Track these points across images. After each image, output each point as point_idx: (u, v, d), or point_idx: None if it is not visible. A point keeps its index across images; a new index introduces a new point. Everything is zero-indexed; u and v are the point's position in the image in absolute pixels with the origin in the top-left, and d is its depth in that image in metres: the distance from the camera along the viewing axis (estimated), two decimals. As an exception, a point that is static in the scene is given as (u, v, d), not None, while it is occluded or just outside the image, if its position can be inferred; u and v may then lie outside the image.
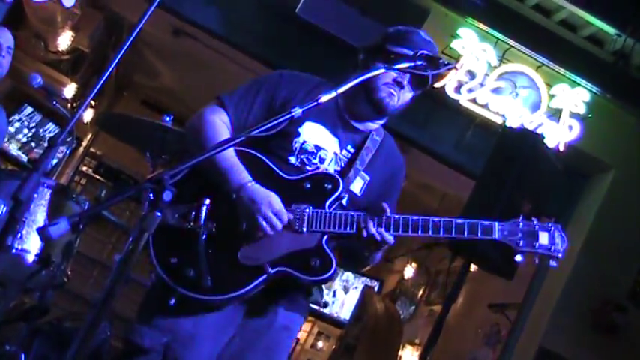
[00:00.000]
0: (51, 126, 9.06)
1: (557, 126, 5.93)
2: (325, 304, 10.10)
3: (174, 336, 2.39)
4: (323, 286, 2.69)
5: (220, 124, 2.54)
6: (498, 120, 5.92)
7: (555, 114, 5.96)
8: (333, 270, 2.40)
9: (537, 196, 4.43)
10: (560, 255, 2.48)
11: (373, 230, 2.38)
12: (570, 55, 6.16)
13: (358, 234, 2.41)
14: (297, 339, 11.85)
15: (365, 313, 7.15)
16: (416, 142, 6.53)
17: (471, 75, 5.89)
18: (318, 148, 2.57)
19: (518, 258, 2.46)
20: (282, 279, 2.42)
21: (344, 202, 2.55)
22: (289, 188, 2.47)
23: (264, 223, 2.35)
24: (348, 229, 2.42)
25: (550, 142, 5.78)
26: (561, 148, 5.89)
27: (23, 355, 4.02)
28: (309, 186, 2.49)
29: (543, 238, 2.47)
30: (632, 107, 6.21)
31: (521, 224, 2.47)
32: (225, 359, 2.51)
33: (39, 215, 3.88)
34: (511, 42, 5.98)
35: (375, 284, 10.87)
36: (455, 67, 5.68)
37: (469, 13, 5.94)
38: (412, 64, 2.43)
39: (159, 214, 1.86)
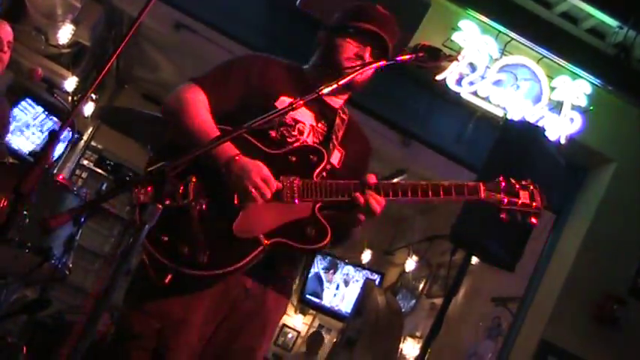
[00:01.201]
0: (48, 118, 9.04)
1: (558, 118, 5.92)
2: None
3: (164, 321, 2.40)
4: (324, 280, 2.70)
5: (200, 102, 2.53)
6: (500, 113, 5.92)
7: (557, 106, 5.95)
8: (328, 237, 2.42)
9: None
10: (540, 211, 2.55)
11: (364, 197, 2.41)
12: (572, 48, 6.14)
13: (350, 201, 2.43)
14: (298, 332, 11.88)
15: (366, 307, 7.15)
16: (417, 135, 6.53)
17: (472, 67, 5.88)
18: (296, 121, 2.61)
19: (503, 216, 2.54)
20: (274, 258, 2.45)
21: (325, 174, 2.57)
22: (275, 162, 2.48)
23: (254, 191, 2.36)
24: (340, 196, 2.44)
25: (551, 135, 5.77)
26: (562, 141, 5.89)
27: (25, 348, 4.04)
28: (294, 159, 2.51)
29: (524, 196, 2.54)
30: (633, 100, 6.20)
31: (503, 183, 2.54)
32: (215, 343, 2.51)
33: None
34: (512, 34, 5.96)
35: (376, 277, 10.87)
36: (456, 59, 5.67)
37: (470, 6, 5.93)
38: (413, 56, 2.43)
39: (160, 205, 1.86)
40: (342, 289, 10.87)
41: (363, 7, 2.72)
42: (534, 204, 2.53)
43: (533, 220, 2.54)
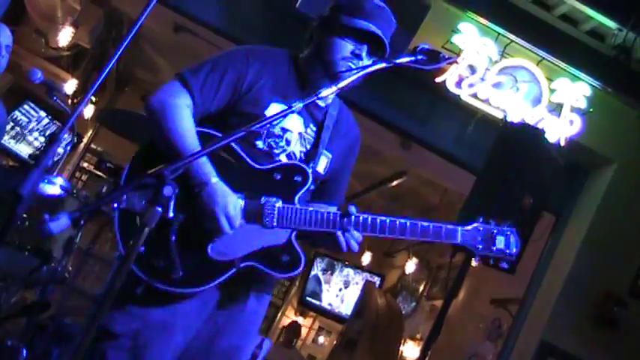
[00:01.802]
0: (52, 124, 9.04)
1: (558, 120, 5.92)
2: None
3: (146, 323, 2.40)
4: (322, 281, 2.73)
5: (184, 110, 2.47)
6: (499, 115, 5.91)
7: (556, 108, 5.95)
8: (301, 266, 2.45)
9: (538, 191, 4.42)
10: (513, 258, 2.61)
11: (343, 237, 2.45)
12: (571, 50, 6.14)
13: (327, 232, 2.45)
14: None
15: (366, 309, 7.15)
16: (417, 137, 6.53)
17: (472, 70, 5.88)
18: (284, 131, 2.58)
19: (473, 262, 2.68)
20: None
21: (311, 187, 2.58)
22: (259, 178, 2.48)
23: (215, 225, 2.36)
24: (321, 227, 2.45)
25: (551, 137, 5.77)
26: (562, 143, 5.89)
27: (25, 350, 4.04)
28: (279, 177, 2.50)
29: (500, 241, 2.60)
30: (633, 101, 6.20)
31: (481, 228, 2.59)
32: (196, 345, 2.52)
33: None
34: (512, 36, 5.96)
35: (376, 279, 10.89)
36: (455, 61, 5.67)
37: (470, 8, 5.93)
38: (412, 58, 2.42)
39: (159, 209, 1.86)
40: (342, 291, 10.89)
41: (356, 1, 2.62)
42: (508, 251, 2.59)
43: (504, 265, 2.62)
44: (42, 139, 8.50)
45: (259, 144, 2.54)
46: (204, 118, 2.53)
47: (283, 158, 2.58)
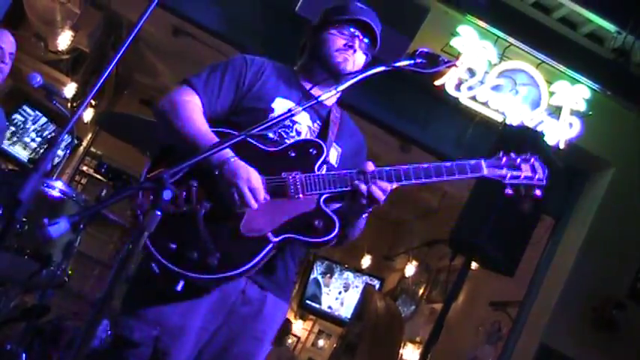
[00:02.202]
0: (52, 126, 9.05)
1: (557, 123, 5.92)
2: None
3: (163, 328, 2.39)
4: (322, 284, 2.72)
5: (193, 104, 2.52)
6: (498, 118, 5.92)
7: (555, 111, 5.96)
8: (337, 229, 2.41)
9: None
10: (543, 182, 2.53)
11: (367, 186, 2.40)
12: (570, 53, 6.15)
13: (354, 190, 2.42)
14: (298, 337, 11.86)
15: (366, 312, 7.15)
16: (416, 140, 6.54)
17: (471, 73, 5.89)
18: (293, 122, 2.61)
19: (509, 191, 2.53)
20: (272, 262, 2.45)
21: (323, 171, 2.55)
22: (275, 159, 2.48)
23: (237, 198, 2.35)
24: (344, 186, 2.43)
25: (550, 140, 5.77)
26: (561, 146, 5.89)
27: (24, 355, 4.03)
28: (294, 154, 2.51)
29: (526, 169, 2.53)
30: (632, 104, 6.21)
31: (503, 159, 2.54)
32: (213, 348, 2.51)
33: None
34: (511, 39, 5.97)
35: (376, 283, 10.88)
36: (455, 65, 5.67)
37: (469, 11, 5.94)
38: (412, 61, 2.43)
39: (159, 212, 1.85)
40: (341, 294, 10.88)
41: (343, 4, 2.75)
42: (536, 176, 2.53)
43: (537, 192, 2.53)
44: (39, 141, 8.51)
45: (270, 134, 2.56)
46: (212, 120, 2.54)
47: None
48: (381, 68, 2.44)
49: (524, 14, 6.11)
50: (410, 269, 10.51)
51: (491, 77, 5.90)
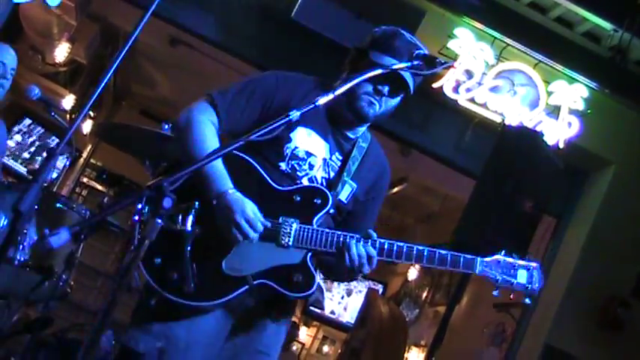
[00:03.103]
0: (49, 139, 9.04)
1: (556, 123, 5.92)
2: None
3: (168, 341, 2.40)
4: (324, 288, 2.72)
5: (208, 125, 2.51)
6: (497, 119, 5.92)
7: (554, 111, 5.95)
8: (314, 287, 2.43)
9: (538, 194, 4.43)
10: (536, 293, 2.52)
11: (354, 255, 2.43)
12: (567, 52, 6.15)
13: (341, 256, 2.43)
14: (303, 344, 11.84)
15: (370, 317, 7.14)
16: (415, 143, 6.53)
17: (469, 74, 5.89)
18: (308, 154, 2.58)
19: (494, 292, 2.53)
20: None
21: (331, 210, 2.55)
22: (279, 199, 2.48)
23: (236, 231, 2.35)
24: (333, 249, 2.44)
25: (550, 140, 5.77)
26: (561, 145, 5.89)
27: (28, 368, 4.02)
28: (299, 199, 2.50)
29: (522, 276, 2.52)
30: (630, 102, 6.20)
31: (502, 261, 2.52)
32: None
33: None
34: (508, 40, 5.97)
35: (379, 287, 10.86)
36: (452, 66, 5.67)
37: (465, 13, 5.94)
38: (409, 64, 2.42)
39: (159, 221, 1.85)
40: (344, 299, 10.86)
41: (391, 38, 2.58)
42: (531, 285, 2.51)
43: (527, 300, 2.54)
44: (38, 153, 8.51)
45: (282, 165, 2.54)
46: (233, 135, 2.53)
47: (305, 182, 2.57)
48: (379, 71, 2.43)
49: (521, 15, 6.11)
50: (413, 273, 10.50)
51: (489, 78, 5.90)
